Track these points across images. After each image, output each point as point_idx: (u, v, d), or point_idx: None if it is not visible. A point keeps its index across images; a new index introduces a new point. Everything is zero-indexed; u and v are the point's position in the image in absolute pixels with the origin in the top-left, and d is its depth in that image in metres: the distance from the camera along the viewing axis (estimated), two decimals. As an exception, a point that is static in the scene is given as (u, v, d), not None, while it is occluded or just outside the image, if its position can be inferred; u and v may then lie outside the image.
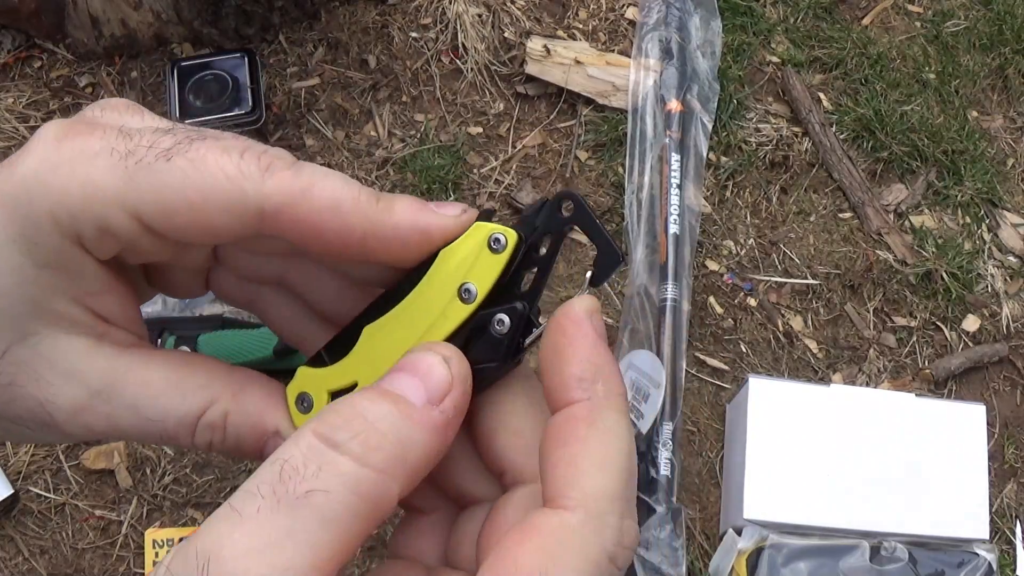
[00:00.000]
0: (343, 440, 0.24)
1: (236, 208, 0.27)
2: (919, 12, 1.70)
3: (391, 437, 0.25)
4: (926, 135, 1.54)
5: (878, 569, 1.15)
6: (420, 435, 0.26)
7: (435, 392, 0.26)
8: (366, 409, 0.25)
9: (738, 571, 1.16)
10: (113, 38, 1.48)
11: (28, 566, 1.20)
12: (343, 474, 0.24)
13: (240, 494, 0.24)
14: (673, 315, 1.34)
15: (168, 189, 0.26)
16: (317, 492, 0.24)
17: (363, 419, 0.25)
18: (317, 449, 0.24)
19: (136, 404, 0.29)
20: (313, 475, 0.24)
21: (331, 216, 0.27)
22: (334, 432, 0.25)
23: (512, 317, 0.29)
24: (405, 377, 0.27)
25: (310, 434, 0.25)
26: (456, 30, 1.54)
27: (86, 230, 0.27)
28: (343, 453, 0.24)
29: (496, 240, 0.28)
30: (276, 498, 0.24)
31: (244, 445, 0.30)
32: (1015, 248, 1.51)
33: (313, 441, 0.25)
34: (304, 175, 0.27)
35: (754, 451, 1.20)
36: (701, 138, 1.50)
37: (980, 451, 1.23)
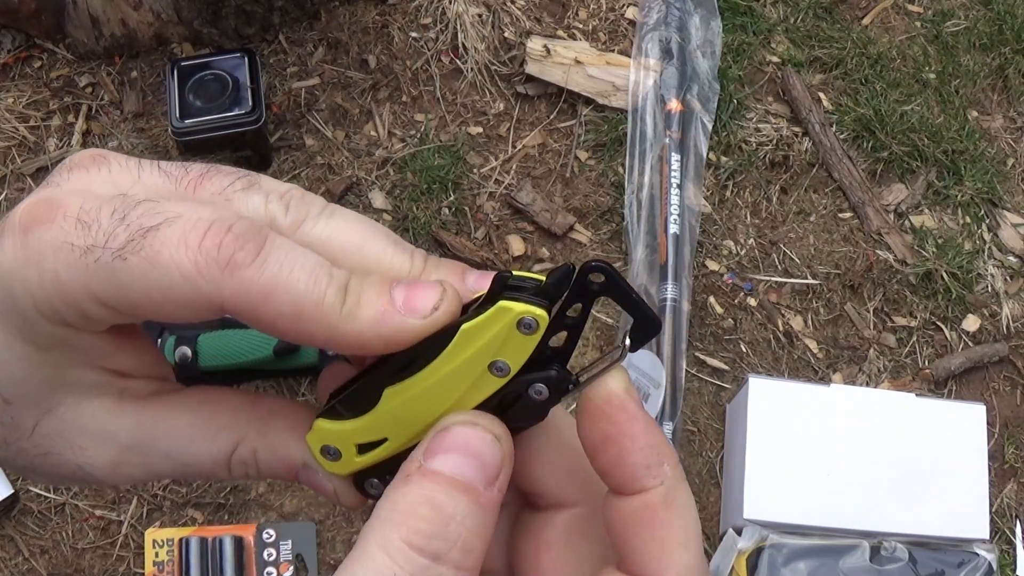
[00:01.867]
0: (444, 551, 0.25)
1: (195, 304, 0.26)
2: (919, 12, 1.70)
3: (476, 532, 0.26)
4: (926, 135, 1.54)
5: (878, 569, 1.15)
6: (492, 520, 0.27)
7: (491, 473, 0.27)
8: (448, 507, 0.26)
9: (738, 571, 1.16)
10: (113, 38, 1.48)
11: (28, 566, 1.20)
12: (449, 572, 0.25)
13: None
14: (673, 315, 1.34)
15: (127, 288, 0.26)
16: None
17: (451, 521, 0.26)
18: (419, 563, 0.25)
19: (169, 452, 0.30)
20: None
21: (290, 322, 0.26)
22: (431, 543, 0.25)
23: (550, 385, 0.29)
24: (462, 460, 0.27)
25: (404, 546, 0.25)
26: (456, 30, 1.54)
27: (69, 316, 0.27)
28: (445, 564, 0.25)
29: (527, 325, 0.28)
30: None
31: (278, 474, 0.31)
32: (1015, 248, 1.51)
33: (412, 554, 0.25)
34: (267, 272, 0.26)
35: (754, 451, 1.19)
36: (701, 138, 1.50)
37: (980, 451, 1.23)
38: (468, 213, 1.44)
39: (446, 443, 0.27)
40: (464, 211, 1.44)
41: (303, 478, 0.31)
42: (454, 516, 0.26)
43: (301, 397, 1.29)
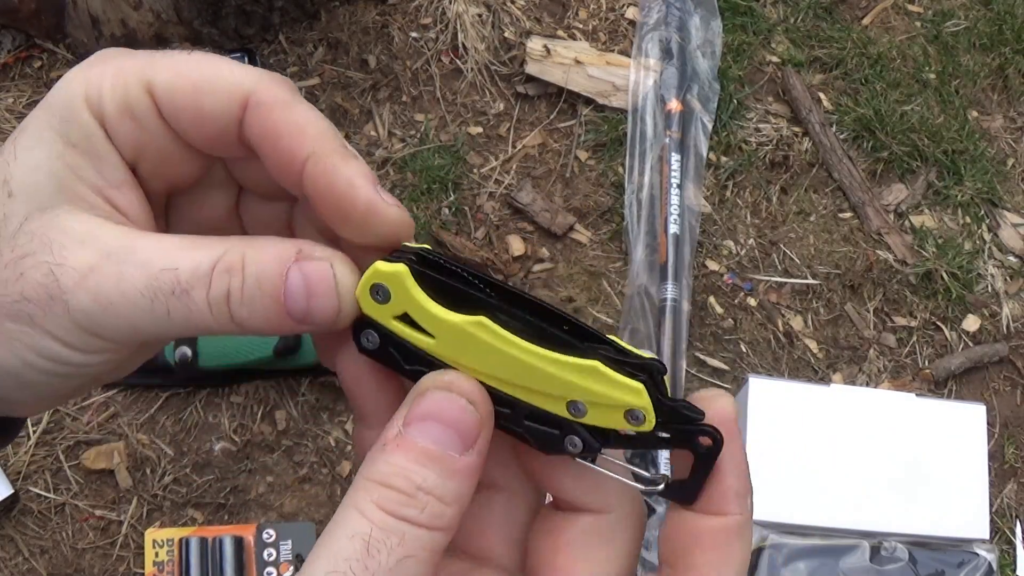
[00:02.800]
0: (414, 515, 0.27)
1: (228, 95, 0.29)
2: (919, 12, 1.70)
3: (449, 498, 0.28)
4: (926, 135, 1.54)
5: (878, 569, 1.15)
6: (467, 484, 0.28)
7: (468, 439, 0.28)
8: (421, 477, 0.27)
9: (738, 571, 1.16)
10: (113, 38, 1.48)
11: (28, 566, 1.20)
12: (422, 538, 0.27)
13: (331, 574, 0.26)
14: (673, 315, 1.34)
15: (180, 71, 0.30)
16: (408, 558, 0.27)
17: (423, 489, 0.27)
18: (392, 524, 0.27)
19: (148, 260, 0.29)
20: (399, 545, 0.27)
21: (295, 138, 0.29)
22: (402, 508, 0.27)
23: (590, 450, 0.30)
24: (438, 429, 0.28)
25: (378, 509, 0.27)
26: (456, 30, 1.54)
27: (109, 108, 0.30)
28: (416, 524, 0.27)
29: (635, 416, 0.29)
30: (369, 572, 0.26)
31: (264, 287, 0.29)
32: (1015, 248, 1.51)
33: (386, 518, 0.27)
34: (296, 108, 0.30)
35: (754, 451, 1.19)
36: (701, 138, 1.50)
37: (980, 451, 1.23)
38: (468, 213, 1.44)
39: (422, 410, 0.28)
40: (464, 211, 1.44)
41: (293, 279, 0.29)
42: (425, 484, 0.27)
43: (301, 397, 1.30)
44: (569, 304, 1.39)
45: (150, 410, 1.28)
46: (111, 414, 1.28)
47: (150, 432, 1.27)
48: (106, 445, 1.26)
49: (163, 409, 1.29)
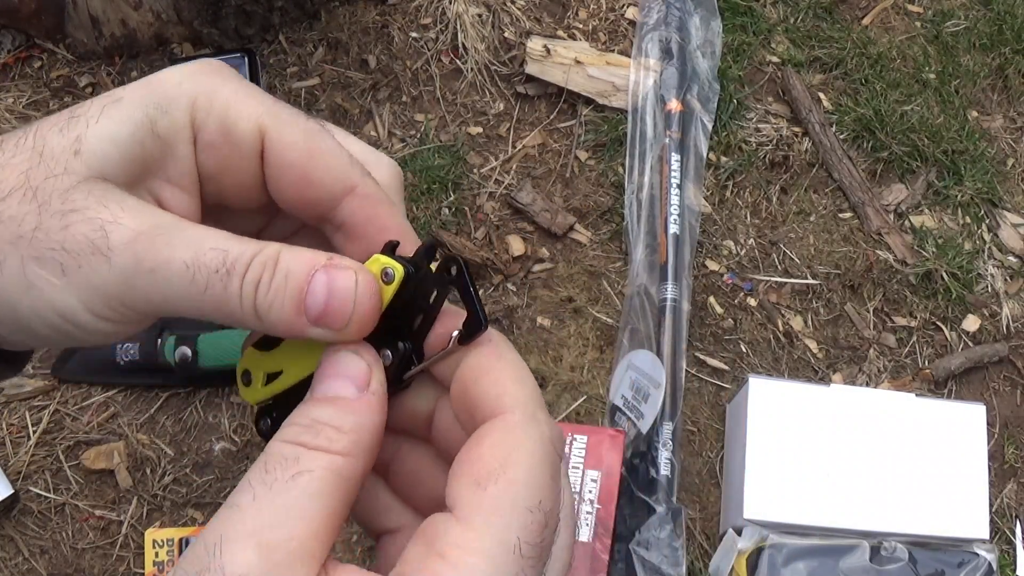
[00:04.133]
0: (307, 439, 0.29)
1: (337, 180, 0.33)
2: (919, 12, 1.70)
3: (345, 426, 0.30)
4: (926, 135, 1.54)
5: (878, 569, 1.15)
6: (365, 418, 0.30)
7: (360, 380, 0.31)
8: (317, 415, 0.30)
9: (738, 571, 1.16)
10: (113, 38, 1.48)
11: (28, 566, 1.20)
12: (317, 458, 0.29)
13: (234, 494, 0.28)
14: (673, 315, 1.34)
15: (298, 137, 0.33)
16: (303, 473, 0.28)
17: (319, 423, 0.30)
18: (288, 449, 0.29)
19: (199, 238, 0.30)
20: (295, 461, 0.28)
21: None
22: (299, 436, 0.29)
23: (395, 355, 0.33)
24: (332, 380, 0.31)
25: (280, 443, 0.29)
26: (456, 30, 1.54)
27: (211, 126, 0.32)
28: (310, 447, 0.29)
29: (387, 275, 0.32)
30: (267, 486, 0.28)
31: (290, 282, 0.31)
32: (1015, 248, 1.51)
33: (282, 446, 0.29)
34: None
35: (754, 451, 1.20)
36: (701, 138, 1.50)
37: (980, 451, 1.23)
38: (468, 213, 1.44)
39: (319, 372, 0.31)
40: (464, 211, 1.44)
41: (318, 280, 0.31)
42: (319, 418, 0.30)
43: (301, 397, 1.30)
44: (569, 304, 1.39)
45: (150, 410, 1.28)
46: (111, 414, 1.28)
47: (150, 432, 1.27)
48: (106, 445, 1.26)
49: (163, 409, 1.29)
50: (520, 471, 0.28)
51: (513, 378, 0.31)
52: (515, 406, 0.30)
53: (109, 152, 0.30)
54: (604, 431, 1.19)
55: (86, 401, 1.28)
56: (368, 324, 0.32)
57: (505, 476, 0.28)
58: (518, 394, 0.31)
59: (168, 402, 1.29)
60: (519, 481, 0.28)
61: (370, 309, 0.31)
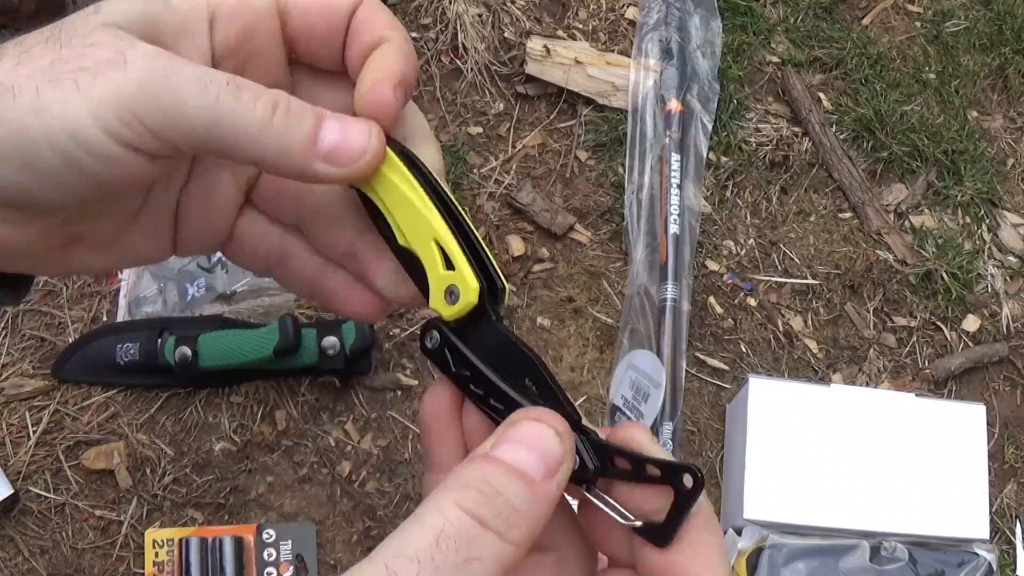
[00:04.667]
0: (489, 518, 0.28)
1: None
2: (919, 12, 1.70)
3: (525, 514, 0.28)
4: (926, 135, 1.54)
5: (878, 569, 1.15)
6: (543, 508, 0.29)
7: (551, 466, 0.29)
8: (502, 485, 0.28)
9: (738, 571, 1.16)
10: (113, 38, 1.48)
11: (28, 566, 1.20)
12: (492, 546, 0.28)
13: (395, 559, 0.27)
14: (673, 315, 1.34)
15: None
16: (472, 561, 0.27)
17: (502, 497, 0.28)
18: (467, 524, 0.28)
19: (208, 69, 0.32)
20: (468, 545, 0.27)
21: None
22: (479, 508, 0.28)
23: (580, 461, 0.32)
24: (526, 451, 0.29)
25: (456, 507, 0.28)
26: (456, 30, 1.54)
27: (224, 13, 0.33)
28: (490, 529, 0.28)
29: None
30: (435, 565, 0.27)
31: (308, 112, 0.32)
32: (1015, 248, 1.51)
33: (462, 516, 0.28)
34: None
35: (754, 451, 1.20)
36: (701, 138, 1.50)
37: (980, 451, 1.23)
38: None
39: (511, 435, 0.30)
40: (464, 211, 1.43)
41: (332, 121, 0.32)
42: (503, 493, 0.28)
43: (301, 397, 1.30)
44: (569, 304, 1.39)
45: (150, 410, 1.28)
46: (111, 414, 1.28)
47: (150, 432, 1.27)
48: (106, 445, 1.26)
49: (163, 409, 1.29)
50: None
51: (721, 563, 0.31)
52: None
53: (128, 10, 0.31)
54: (604, 431, 1.19)
55: (86, 401, 1.28)
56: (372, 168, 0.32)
57: None
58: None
59: (168, 402, 1.29)
60: None
61: (378, 156, 0.32)
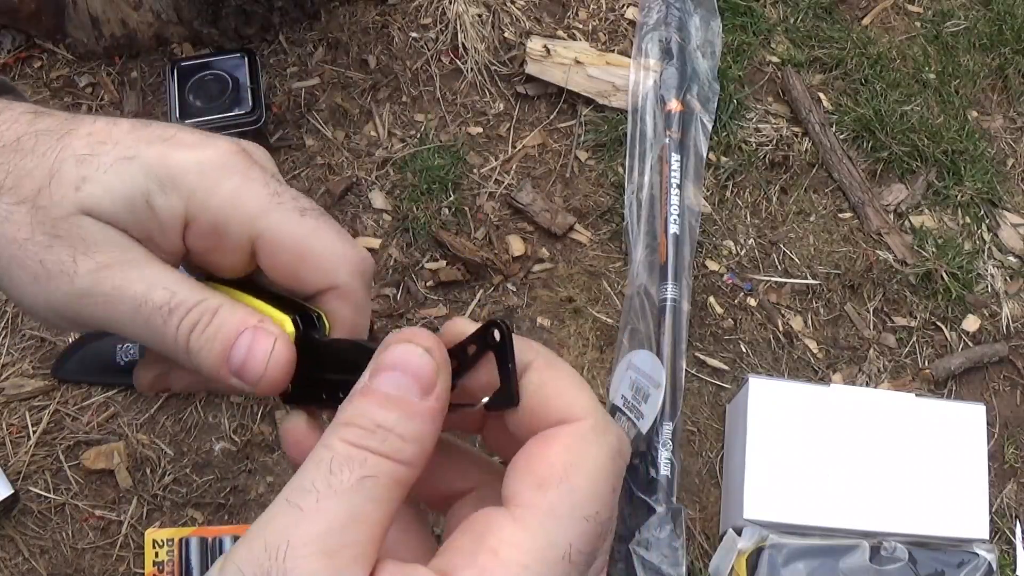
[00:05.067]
0: (374, 446, 0.29)
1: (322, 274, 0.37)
2: (919, 12, 1.70)
3: (410, 436, 0.29)
4: (926, 135, 1.54)
5: (878, 569, 1.15)
6: (428, 426, 0.30)
7: (426, 385, 0.30)
8: (381, 417, 0.29)
9: (738, 571, 1.16)
10: (113, 38, 1.48)
11: (28, 566, 1.20)
12: (381, 465, 0.28)
13: (294, 493, 0.28)
14: (673, 315, 1.34)
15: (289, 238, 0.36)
16: (368, 478, 0.28)
17: (383, 428, 0.29)
18: (355, 452, 0.29)
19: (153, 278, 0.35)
20: (362, 464, 0.28)
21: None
22: (363, 439, 0.29)
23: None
24: (399, 376, 0.30)
25: (341, 442, 0.29)
26: (456, 30, 1.54)
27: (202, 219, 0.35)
28: (377, 453, 0.29)
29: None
30: (332, 489, 0.28)
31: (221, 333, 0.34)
32: (1015, 248, 1.51)
33: (348, 447, 0.29)
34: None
35: (754, 451, 1.20)
36: (701, 138, 1.50)
37: (980, 451, 1.23)
38: (468, 213, 1.44)
39: (383, 363, 0.31)
40: (464, 211, 1.44)
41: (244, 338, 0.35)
42: (383, 424, 0.29)
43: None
44: (569, 304, 1.39)
45: (150, 410, 1.28)
46: (111, 414, 1.28)
47: (150, 432, 1.27)
48: (106, 445, 1.26)
49: (163, 409, 1.29)
50: (584, 479, 0.29)
51: (579, 387, 0.31)
52: (587, 414, 0.30)
53: (103, 202, 0.34)
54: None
55: (86, 401, 1.28)
56: (277, 385, 0.35)
57: (568, 482, 0.29)
58: (588, 403, 0.31)
59: (168, 402, 1.29)
60: (581, 489, 0.29)
61: (280, 374, 0.34)
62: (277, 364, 0.34)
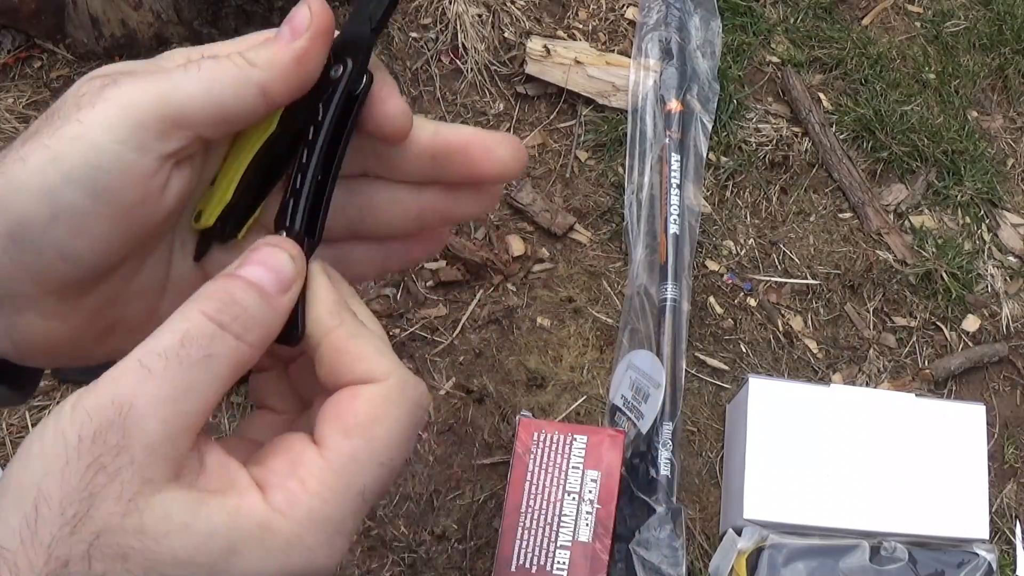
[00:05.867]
0: (227, 322, 0.32)
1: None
2: (919, 12, 1.70)
3: (259, 320, 0.33)
4: (926, 135, 1.54)
5: (878, 569, 1.15)
6: (276, 317, 0.34)
7: (284, 283, 0.34)
8: (240, 297, 0.32)
9: (738, 571, 1.16)
10: (113, 38, 1.48)
11: (28, 566, 1.20)
12: (229, 346, 0.32)
13: (147, 354, 0.30)
14: (673, 315, 1.34)
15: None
16: (212, 357, 0.31)
17: (240, 305, 0.32)
18: (208, 326, 0.31)
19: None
20: (207, 343, 0.31)
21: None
22: (219, 314, 0.32)
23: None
24: (260, 268, 0.34)
25: (199, 313, 0.32)
26: (456, 30, 1.54)
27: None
28: (228, 331, 0.32)
29: None
30: (179, 360, 0.31)
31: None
32: (1015, 248, 1.51)
33: (203, 320, 0.31)
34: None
35: (754, 451, 1.20)
36: (701, 138, 1.50)
37: (980, 451, 1.23)
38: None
39: (251, 258, 0.34)
40: (464, 211, 1.43)
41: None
42: (242, 302, 0.32)
43: (301, 397, 1.30)
44: (569, 304, 1.39)
45: (150, 410, 1.28)
46: (111, 414, 1.28)
47: (150, 432, 1.27)
48: (106, 445, 1.25)
49: (163, 409, 1.28)
50: (383, 431, 0.33)
51: (376, 351, 0.34)
52: (390, 374, 0.34)
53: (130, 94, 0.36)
54: (604, 431, 1.19)
55: (86, 401, 1.28)
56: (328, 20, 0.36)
57: (370, 432, 0.33)
58: (394, 363, 0.34)
59: (168, 402, 1.29)
60: (380, 439, 0.33)
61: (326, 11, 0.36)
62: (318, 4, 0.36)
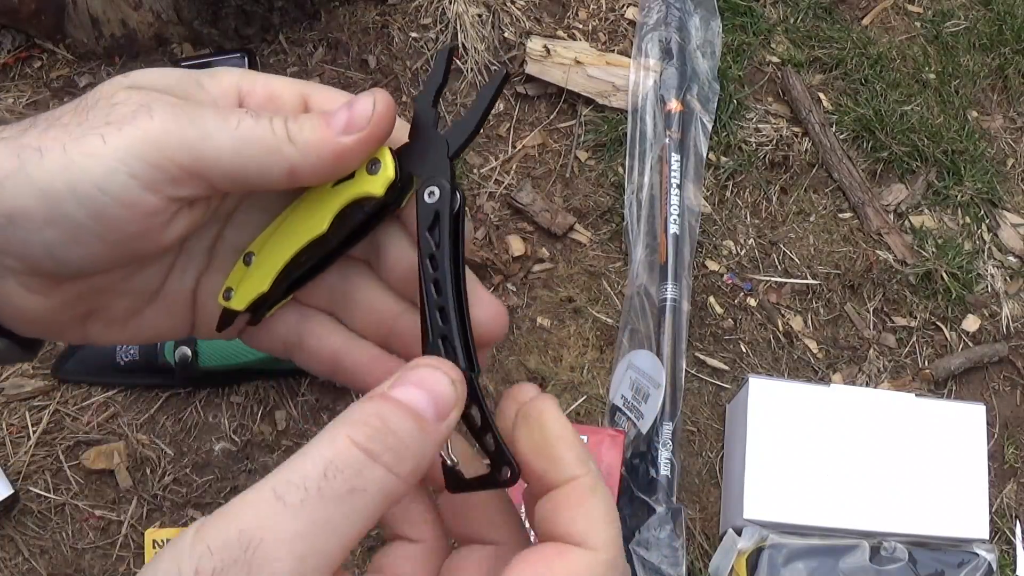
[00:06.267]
0: (379, 452, 0.29)
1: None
2: (919, 12, 1.70)
3: (414, 450, 0.29)
4: (926, 135, 1.54)
5: (878, 569, 1.15)
6: (431, 448, 0.30)
7: (443, 411, 0.31)
8: (394, 422, 0.29)
9: (738, 571, 1.16)
10: (113, 38, 1.48)
11: (28, 566, 1.20)
12: (378, 479, 0.28)
13: (282, 484, 0.27)
14: (673, 315, 1.34)
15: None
16: (358, 491, 0.28)
17: (393, 433, 0.29)
18: (356, 456, 0.28)
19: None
20: (356, 475, 0.28)
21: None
22: (370, 442, 0.29)
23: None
24: (421, 393, 0.30)
25: (347, 440, 0.29)
26: (456, 30, 1.54)
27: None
28: (379, 463, 0.29)
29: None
30: (320, 493, 0.27)
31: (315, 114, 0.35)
32: (1015, 248, 1.51)
33: (352, 448, 0.28)
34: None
35: (754, 451, 1.20)
36: (701, 138, 1.50)
37: (980, 451, 1.23)
38: (468, 213, 1.44)
39: (408, 378, 0.31)
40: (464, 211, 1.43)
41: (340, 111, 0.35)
42: (396, 430, 0.29)
43: (301, 397, 1.30)
44: (569, 304, 1.39)
45: (150, 410, 1.28)
46: (111, 414, 1.28)
47: (150, 432, 1.27)
48: (106, 445, 1.26)
49: (163, 409, 1.29)
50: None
51: (607, 518, 0.31)
52: (605, 547, 0.31)
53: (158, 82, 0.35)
54: (604, 431, 1.19)
55: (86, 401, 1.28)
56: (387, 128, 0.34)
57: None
58: (611, 535, 0.31)
59: (168, 402, 1.29)
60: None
61: (389, 117, 0.34)
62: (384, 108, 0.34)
